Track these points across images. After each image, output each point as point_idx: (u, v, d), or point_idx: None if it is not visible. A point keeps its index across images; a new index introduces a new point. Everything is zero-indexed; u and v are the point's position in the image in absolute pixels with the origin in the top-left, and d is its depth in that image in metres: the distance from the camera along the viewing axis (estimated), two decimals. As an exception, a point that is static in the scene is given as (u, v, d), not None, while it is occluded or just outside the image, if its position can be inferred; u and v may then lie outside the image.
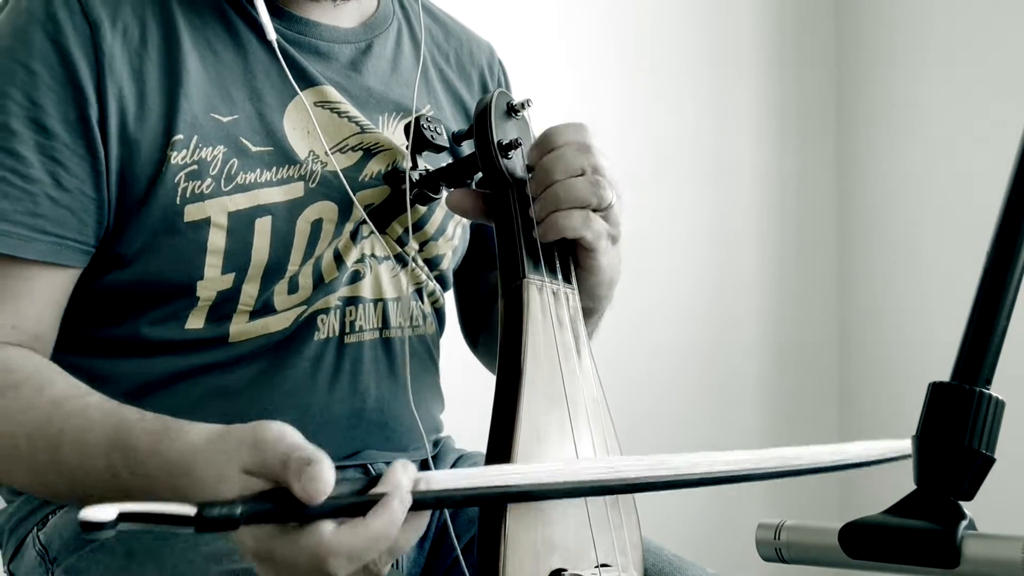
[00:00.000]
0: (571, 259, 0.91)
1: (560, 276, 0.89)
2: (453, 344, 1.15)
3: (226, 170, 0.89)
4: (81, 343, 0.94)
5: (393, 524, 0.64)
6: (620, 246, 0.94)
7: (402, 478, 0.65)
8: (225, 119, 0.90)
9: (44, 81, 0.85)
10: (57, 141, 0.85)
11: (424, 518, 0.68)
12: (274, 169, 0.91)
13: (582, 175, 0.88)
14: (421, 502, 0.66)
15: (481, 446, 0.81)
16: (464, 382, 1.20)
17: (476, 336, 1.19)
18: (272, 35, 0.92)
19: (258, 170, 0.91)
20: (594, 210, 0.88)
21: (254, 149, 0.91)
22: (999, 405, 0.56)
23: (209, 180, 0.88)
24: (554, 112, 1.01)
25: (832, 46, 2.51)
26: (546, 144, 0.90)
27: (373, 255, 0.98)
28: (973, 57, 2.26)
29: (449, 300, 1.11)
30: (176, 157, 0.88)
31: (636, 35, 2.21)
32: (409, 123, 0.97)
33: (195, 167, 0.88)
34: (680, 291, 2.28)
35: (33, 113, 0.85)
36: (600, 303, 0.97)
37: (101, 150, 0.86)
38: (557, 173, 0.88)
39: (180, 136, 0.88)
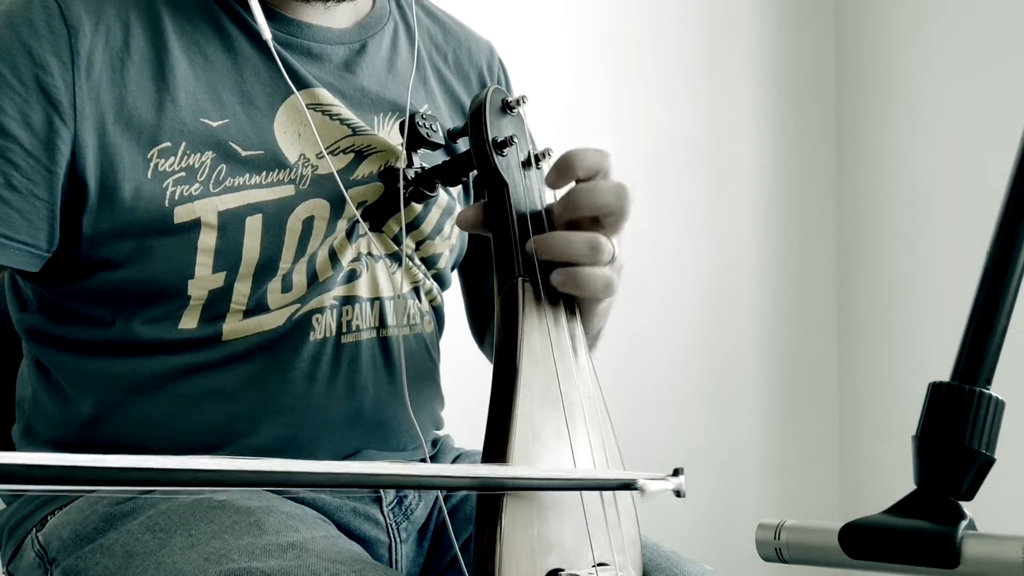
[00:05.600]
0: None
1: None
2: (454, 343, 1.15)
3: (214, 175, 0.89)
4: (74, 343, 0.93)
5: None
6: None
7: None
8: (215, 124, 0.90)
9: (7, 82, 0.84)
10: (12, 141, 0.84)
11: None
12: (264, 173, 0.91)
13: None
14: None
15: (481, 445, 0.81)
16: (464, 381, 1.20)
17: (483, 334, 1.20)
18: (267, 34, 0.91)
19: (247, 174, 0.90)
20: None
21: (244, 153, 0.91)
22: (999, 405, 0.56)
23: (197, 184, 0.88)
24: (554, 111, 1.01)
25: (832, 46, 2.50)
26: (570, 171, 0.87)
27: (370, 254, 0.97)
28: (973, 56, 2.26)
29: (449, 299, 1.11)
30: (164, 164, 0.87)
31: (635, 34, 2.21)
32: (404, 120, 0.97)
33: (183, 173, 0.88)
34: (679, 291, 2.27)
35: None
36: (597, 328, 0.96)
37: (63, 155, 0.86)
38: (585, 210, 0.86)
39: (167, 143, 0.88)
